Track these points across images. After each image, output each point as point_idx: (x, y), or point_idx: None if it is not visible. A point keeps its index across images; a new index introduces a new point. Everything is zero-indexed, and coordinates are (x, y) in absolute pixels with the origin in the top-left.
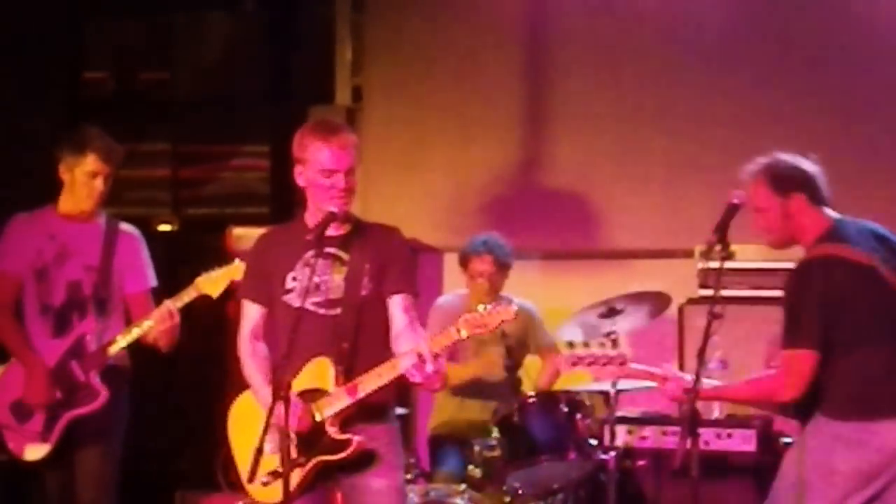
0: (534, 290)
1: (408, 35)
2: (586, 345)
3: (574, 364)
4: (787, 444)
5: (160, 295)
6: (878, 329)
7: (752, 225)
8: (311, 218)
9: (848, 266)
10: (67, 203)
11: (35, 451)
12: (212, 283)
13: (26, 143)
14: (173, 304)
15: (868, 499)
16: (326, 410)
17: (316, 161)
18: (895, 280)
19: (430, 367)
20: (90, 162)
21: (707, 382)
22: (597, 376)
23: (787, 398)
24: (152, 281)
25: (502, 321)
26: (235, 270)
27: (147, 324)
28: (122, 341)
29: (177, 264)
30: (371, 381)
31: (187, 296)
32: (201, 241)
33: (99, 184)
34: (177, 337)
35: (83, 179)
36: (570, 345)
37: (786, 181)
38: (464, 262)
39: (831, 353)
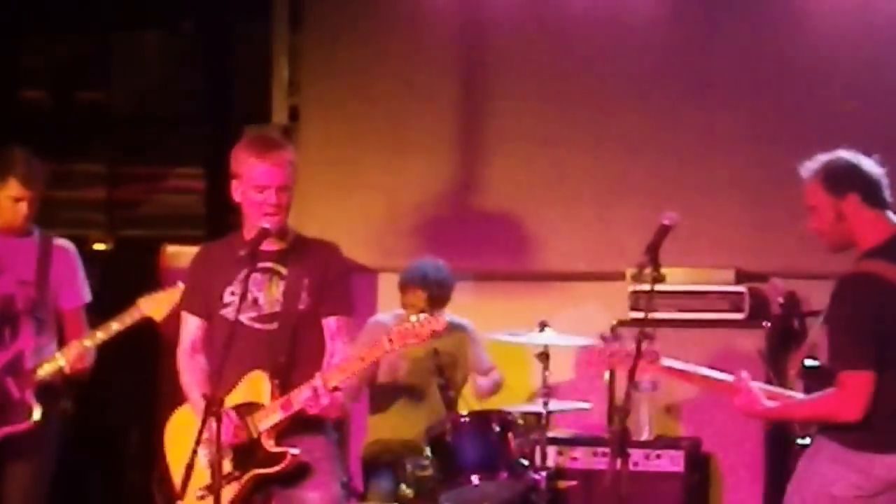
0: (467, 311)
1: (345, 55)
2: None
3: (609, 357)
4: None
5: (92, 314)
6: None
7: (806, 226)
8: (248, 233)
9: (889, 288)
10: None
11: None
12: (155, 304)
13: None
14: (91, 342)
15: None
16: (262, 424)
17: (250, 176)
18: None
19: (324, 401)
20: (12, 187)
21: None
22: (631, 374)
23: (850, 419)
24: (87, 296)
25: (433, 331)
26: (179, 293)
27: (60, 362)
28: (41, 371)
29: (111, 285)
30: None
31: (129, 318)
32: (136, 262)
33: (23, 207)
34: (88, 372)
35: (7, 203)
36: (602, 339)
37: (841, 180)
38: (401, 289)
39: None
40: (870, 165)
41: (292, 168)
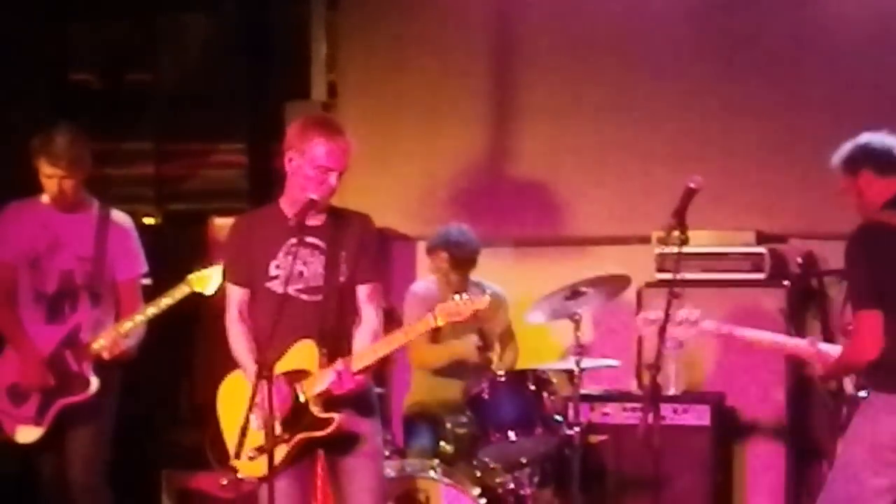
0: (503, 275)
1: (381, 32)
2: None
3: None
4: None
5: (144, 285)
6: None
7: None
8: (287, 206)
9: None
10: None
11: (27, 434)
12: (204, 280)
13: (11, 143)
14: (142, 316)
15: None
16: (311, 390)
17: (314, 155)
18: None
19: (348, 385)
20: (42, 165)
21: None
22: (661, 332)
23: (868, 358)
24: (143, 266)
25: (476, 310)
26: None
27: (101, 343)
28: (99, 344)
29: (161, 257)
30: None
31: (179, 293)
32: (183, 235)
33: (53, 185)
34: (132, 354)
35: (43, 180)
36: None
37: (853, 160)
38: (428, 254)
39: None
40: (880, 139)
41: (350, 158)
